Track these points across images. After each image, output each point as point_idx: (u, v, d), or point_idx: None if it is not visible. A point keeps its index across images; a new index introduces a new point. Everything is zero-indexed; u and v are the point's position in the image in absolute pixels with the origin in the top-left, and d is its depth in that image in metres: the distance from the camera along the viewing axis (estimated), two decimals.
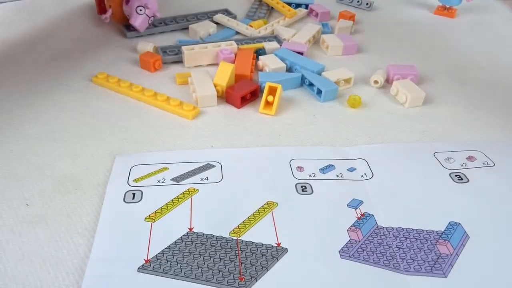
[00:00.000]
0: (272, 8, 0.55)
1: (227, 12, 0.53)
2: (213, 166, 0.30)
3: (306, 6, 0.55)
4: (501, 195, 0.28)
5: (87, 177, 0.29)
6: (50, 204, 0.27)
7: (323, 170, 0.30)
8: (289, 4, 0.54)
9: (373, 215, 0.27)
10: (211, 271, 0.23)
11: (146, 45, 0.43)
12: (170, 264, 0.23)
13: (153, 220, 0.26)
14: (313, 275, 0.23)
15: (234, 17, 0.53)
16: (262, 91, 0.37)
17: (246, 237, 0.25)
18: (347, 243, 0.25)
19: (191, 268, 0.23)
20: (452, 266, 0.24)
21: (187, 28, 0.48)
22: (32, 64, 0.41)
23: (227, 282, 0.22)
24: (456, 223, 0.26)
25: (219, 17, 0.50)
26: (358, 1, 0.58)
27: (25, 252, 0.24)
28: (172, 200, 0.27)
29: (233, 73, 0.38)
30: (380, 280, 0.23)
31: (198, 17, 0.51)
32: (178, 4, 0.55)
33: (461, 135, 0.34)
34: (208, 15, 0.52)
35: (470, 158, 0.31)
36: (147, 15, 0.42)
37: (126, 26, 0.47)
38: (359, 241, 0.25)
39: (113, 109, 0.36)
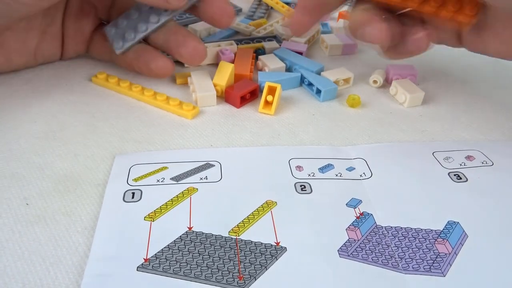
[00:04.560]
0: (271, 8, 0.55)
1: (232, 5, 0.54)
2: (213, 165, 0.30)
3: None
4: (500, 194, 0.28)
5: (87, 176, 0.29)
6: (49, 203, 0.27)
7: (322, 169, 0.30)
8: (289, 4, 0.55)
9: (372, 214, 0.27)
10: (210, 270, 0.23)
11: None
12: (170, 263, 0.23)
13: (152, 219, 0.26)
14: (312, 274, 0.23)
15: (240, 10, 0.53)
16: (261, 91, 0.37)
17: (245, 236, 0.25)
18: (346, 242, 0.25)
19: (190, 267, 0.23)
20: (451, 265, 0.24)
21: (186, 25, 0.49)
22: None
23: (226, 281, 0.23)
24: (454, 222, 0.26)
25: None
26: None
27: (25, 251, 0.24)
28: (171, 199, 0.27)
29: (232, 73, 0.38)
30: (379, 279, 0.23)
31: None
32: None
33: (460, 135, 0.35)
34: None
35: (469, 158, 0.31)
36: None
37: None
38: (358, 240, 0.25)
39: (113, 109, 0.36)
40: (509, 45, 0.32)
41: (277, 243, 0.25)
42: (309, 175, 0.29)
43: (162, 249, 0.24)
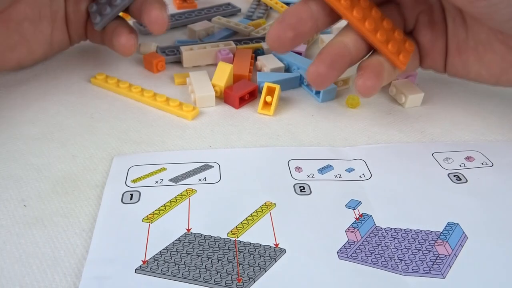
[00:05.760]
0: (270, 8, 0.55)
1: (230, 5, 0.54)
2: (211, 166, 0.30)
3: None
4: (500, 195, 0.28)
5: (85, 177, 0.29)
6: (47, 205, 0.27)
7: (322, 170, 0.30)
8: (288, 4, 0.54)
9: (371, 215, 0.27)
10: (209, 272, 0.23)
11: (150, 46, 0.43)
12: (168, 265, 0.23)
13: (150, 221, 0.26)
14: (311, 276, 0.23)
15: (239, 10, 0.54)
16: (260, 92, 0.37)
17: (244, 238, 0.25)
18: (345, 243, 0.25)
19: (188, 269, 0.23)
20: (451, 267, 0.24)
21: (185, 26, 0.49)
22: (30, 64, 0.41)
23: (225, 283, 0.22)
24: (454, 223, 0.26)
25: (216, 20, 0.50)
26: None
27: (22, 253, 0.24)
28: (170, 200, 0.27)
29: (231, 74, 0.37)
30: (378, 280, 0.23)
31: (203, 12, 0.52)
32: None
33: (459, 135, 0.34)
34: (214, 9, 0.52)
35: (468, 159, 0.31)
36: None
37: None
38: (358, 242, 0.25)
39: (112, 110, 0.36)
40: (490, 69, 0.32)
41: (276, 245, 0.24)
42: (308, 176, 0.29)
43: (160, 251, 0.24)
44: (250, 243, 0.25)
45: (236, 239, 0.25)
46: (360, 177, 0.29)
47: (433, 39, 0.34)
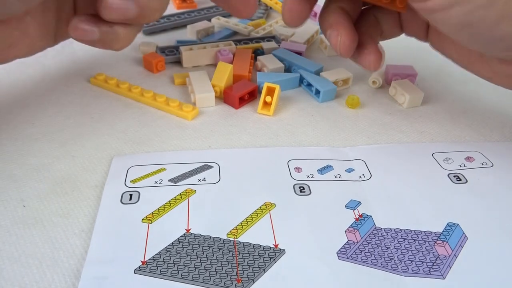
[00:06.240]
0: (270, 8, 0.55)
1: None
2: (211, 167, 0.30)
3: None
4: (500, 195, 0.28)
5: (85, 178, 0.29)
6: (47, 205, 0.27)
7: (321, 171, 0.30)
8: None
9: (371, 216, 0.26)
10: (208, 272, 0.23)
11: (149, 46, 0.43)
12: (167, 266, 0.23)
13: (150, 221, 0.26)
14: (311, 276, 0.23)
15: None
16: (260, 92, 0.37)
17: (243, 238, 0.25)
18: (345, 244, 0.25)
19: (188, 269, 0.23)
20: (451, 268, 0.24)
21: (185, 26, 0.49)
22: (29, 64, 0.41)
23: (224, 283, 0.22)
24: (454, 224, 0.26)
25: (216, 20, 0.50)
26: None
27: (21, 253, 0.24)
28: (169, 201, 0.27)
29: (231, 74, 0.37)
30: (378, 281, 0.23)
31: (203, 12, 0.52)
32: None
33: (459, 136, 0.34)
34: (214, 9, 0.52)
35: (468, 159, 0.31)
36: None
37: None
38: (357, 242, 0.25)
39: (111, 110, 0.36)
40: (459, 55, 0.33)
41: (276, 245, 0.24)
42: (308, 176, 0.29)
43: (159, 252, 0.24)
44: (250, 244, 0.24)
45: (236, 239, 0.25)
46: (360, 177, 0.29)
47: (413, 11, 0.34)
